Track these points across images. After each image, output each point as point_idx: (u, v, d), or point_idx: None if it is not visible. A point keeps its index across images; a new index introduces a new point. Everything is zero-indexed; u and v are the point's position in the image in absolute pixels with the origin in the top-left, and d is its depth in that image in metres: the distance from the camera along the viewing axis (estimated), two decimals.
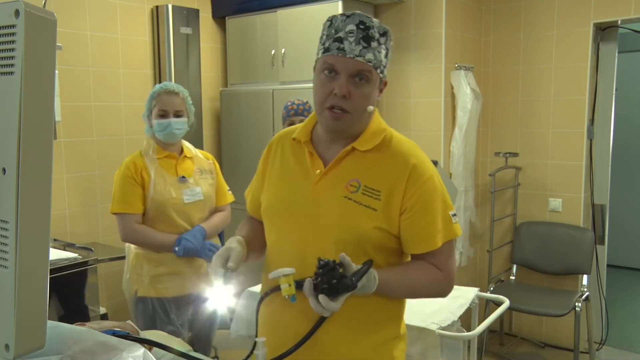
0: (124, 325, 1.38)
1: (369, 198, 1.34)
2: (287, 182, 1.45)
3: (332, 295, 1.19)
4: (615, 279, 5.13)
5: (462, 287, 2.57)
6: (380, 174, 1.36)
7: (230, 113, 4.00)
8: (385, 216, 1.34)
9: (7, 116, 0.79)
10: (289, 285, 1.22)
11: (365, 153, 1.38)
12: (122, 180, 2.35)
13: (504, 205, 4.05)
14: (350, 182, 1.36)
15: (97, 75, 3.41)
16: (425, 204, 1.35)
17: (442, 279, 1.39)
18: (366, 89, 1.33)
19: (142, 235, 2.36)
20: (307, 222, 1.38)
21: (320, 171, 1.40)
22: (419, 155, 1.40)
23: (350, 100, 1.32)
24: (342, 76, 1.31)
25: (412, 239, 1.37)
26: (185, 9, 3.70)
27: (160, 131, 2.37)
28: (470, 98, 3.64)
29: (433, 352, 2.13)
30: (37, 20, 0.79)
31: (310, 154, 1.43)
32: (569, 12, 3.66)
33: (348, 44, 1.30)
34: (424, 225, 1.35)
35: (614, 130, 3.84)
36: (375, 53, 1.32)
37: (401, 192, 1.34)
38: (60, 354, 0.95)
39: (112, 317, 3.28)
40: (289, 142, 1.49)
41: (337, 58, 1.31)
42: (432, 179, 1.37)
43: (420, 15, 3.63)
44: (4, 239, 0.81)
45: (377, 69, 1.33)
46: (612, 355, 3.90)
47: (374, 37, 1.32)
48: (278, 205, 1.45)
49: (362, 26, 1.31)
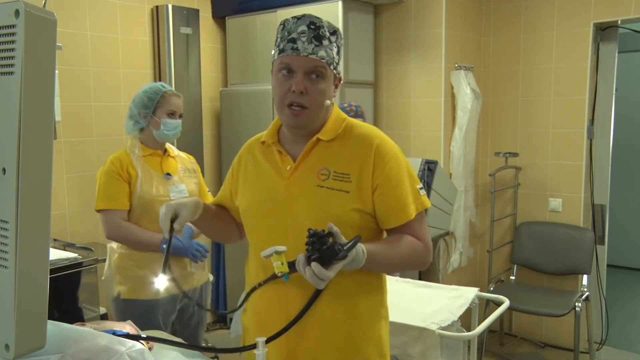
0: (124, 325, 1.38)
1: (340, 182, 1.42)
2: (261, 182, 1.52)
3: (324, 264, 1.21)
4: (615, 279, 5.13)
5: (462, 287, 2.57)
6: (347, 158, 1.44)
7: (230, 113, 4.00)
8: (359, 196, 1.41)
9: (7, 116, 0.79)
10: (282, 263, 1.25)
11: (330, 142, 1.46)
12: (107, 176, 2.32)
13: (504, 205, 4.05)
14: (320, 171, 1.44)
15: (97, 75, 3.41)
16: (394, 179, 1.43)
17: (423, 249, 1.47)
18: (321, 84, 1.41)
19: (127, 232, 2.30)
20: (286, 215, 1.44)
21: (291, 166, 1.47)
22: (380, 136, 1.48)
23: (308, 96, 1.40)
24: (298, 74, 1.39)
25: (387, 214, 1.44)
26: (185, 9, 3.70)
27: (168, 130, 2.37)
28: (470, 98, 3.64)
29: (433, 352, 2.13)
30: (37, 20, 0.79)
31: (279, 152, 1.50)
32: (569, 12, 3.66)
33: (301, 43, 1.39)
34: (395, 199, 1.43)
35: (614, 130, 3.84)
36: (327, 50, 1.40)
37: (370, 171, 1.42)
38: (60, 353, 0.95)
39: None
40: (258, 147, 1.58)
41: (292, 57, 1.39)
42: (396, 156, 1.46)
43: (420, 15, 3.63)
44: (4, 239, 0.81)
45: (330, 65, 1.42)
46: (612, 355, 3.90)
47: (324, 36, 1.41)
48: (256, 205, 1.52)
49: (312, 26, 1.41)
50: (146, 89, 2.39)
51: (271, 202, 1.47)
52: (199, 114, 3.85)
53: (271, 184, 1.49)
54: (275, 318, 1.43)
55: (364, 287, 1.48)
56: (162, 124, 2.36)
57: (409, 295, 2.49)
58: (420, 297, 2.46)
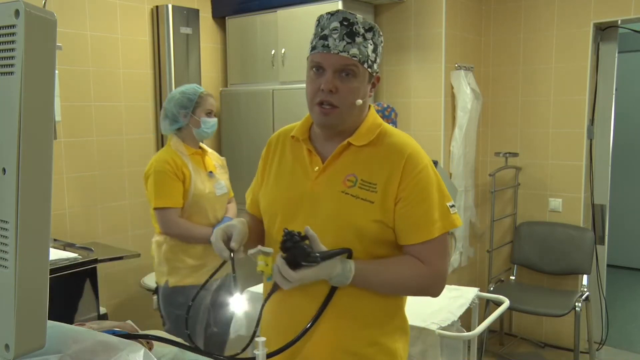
0: (124, 325, 1.38)
1: (365, 191, 1.36)
2: (285, 180, 1.47)
3: (291, 264, 1.21)
4: (615, 279, 5.13)
5: (462, 287, 2.57)
6: (376, 167, 1.38)
7: (230, 113, 4.00)
8: (382, 208, 1.35)
9: (7, 116, 0.79)
10: (267, 264, 1.26)
11: (361, 148, 1.40)
12: (163, 176, 2.45)
13: (504, 205, 4.05)
14: (347, 177, 1.39)
15: (97, 75, 3.41)
16: (421, 193, 1.36)
17: (427, 274, 1.37)
18: (353, 83, 1.35)
19: (183, 228, 2.48)
20: (307, 218, 1.39)
21: (319, 168, 1.42)
22: (413, 146, 1.41)
23: (338, 95, 1.34)
24: (328, 72, 1.34)
25: (408, 229, 1.36)
26: (185, 9, 3.70)
27: (207, 129, 2.54)
28: (470, 98, 3.64)
29: (433, 352, 2.13)
30: (37, 20, 0.79)
31: (309, 152, 1.45)
32: (569, 12, 3.66)
33: (332, 40, 1.33)
34: (420, 215, 1.35)
35: (614, 130, 3.84)
36: (360, 48, 1.34)
37: (397, 182, 1.35)
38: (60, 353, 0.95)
39: (112, 317, 3.28)
40: (289, 140, 1.51)
41: (322, 55, 1.34)
42: (427, 169, 1.38)
43: (420, 15, 3.63)
44: (4, 239, 0.81)
45: (364, 63, 1.35)
46: (612, 355, 3.90)
47: (358, 33, 1.34)
48: (278, 204, 1.46)
49: (345, 22, 1.34)
50: (183, 90, 2.53)
51: (294, 202, 1.42)
52: None
53: (296, 184, 1.44)
54: (282, 328, 1.40)
55: (376, 302, 1.41)
56: (201, 122, 2.52)
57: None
58: (420, 297, 2.46)
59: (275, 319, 1.46)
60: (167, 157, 2.48)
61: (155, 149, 3.74)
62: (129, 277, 3.65)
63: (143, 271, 3.60)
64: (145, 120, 3.69)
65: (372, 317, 1.42)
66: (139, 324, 1.51)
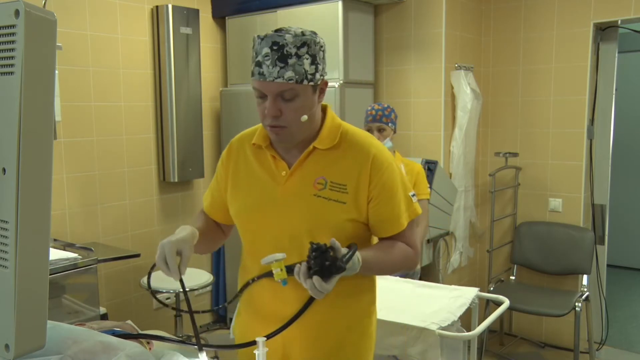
0: (124, 325, 1.38)
1: (337, 193, 1.43)
2: (255, 185, 1.51)
3: (325, 277, 1.26)
4: (615, 279, 5.13)
5: (462, 287, 2.57)
6: (343, 168, 1.44)
7: (230, 113, 4.00)
8: (355, 207, 1.43)
9: (7, 116, 0.79)
10: (281, 270, 1.29)
11: (327, 151, 1.46)
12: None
13: (504, 205, 4.05)
14: (317, 180, 1.44)
15: (97, 75, 3.41)
16: (389, 190, 1.45)
17: (412, 254, 1.52)
18: (296, 103, 1.37)
19: None
20: (281, 222, 1.45)
21: (286, 172, 1.46)
22: (376, 145, 1.48)
23: (284, 117, 1.38)
24: (269, 98, 1.37)
25: (381, 224, 1.48)
26: (185, 9, 3.70)
27: None
28: (470, 98, 3.64)
29: (433, 352, 2.13)
30: (37, 20, 0.79)
31: (273, 157, 1.49)
32: (569, 12, 3.66)
33: (266, 67, 1.34)
34: (390, 210, 1.46)
35: (614, 130, 3.84)
36: (295, 68, 1.33)
37: (366, 182, 1.43)
38: (60, 354, 0.95)
39: (112, 317, 3.28)
40: (249, 146, 1.55)
41: (260, 83, 1.37)
42: (391, 166, 1.47)
43: (420, 15, 3.63)
44: (4, 239, 0.81)
45: (302, 81, 1.35)
46: (612, 355, 3.90)
47: (290, 54, 1.33)
48: (249, 209, 1.51)
49: (275, 47, 1.33)
50: None
51: (265, 207, 1.47)
52: (199, 114, 3.85)
53: (264, 189, 1.48)
54: (271, 318, 1.46)
55: (357, 287, 1.53)
56: None
57: (409, 295, 2.49)
58: (420, 297, 2.47)
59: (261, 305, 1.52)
60: None
61: (155, 149, 3.75)
62: (129, 277, 3.65)
63: (143, 271, 3.61)
64: (145, 120, 3.69)
65: (353, 295, 1.52)
66: (139, 324, 1.52)
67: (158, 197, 3.80)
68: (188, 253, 1.38)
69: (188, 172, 3.80)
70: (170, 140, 3.70)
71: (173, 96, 3.66)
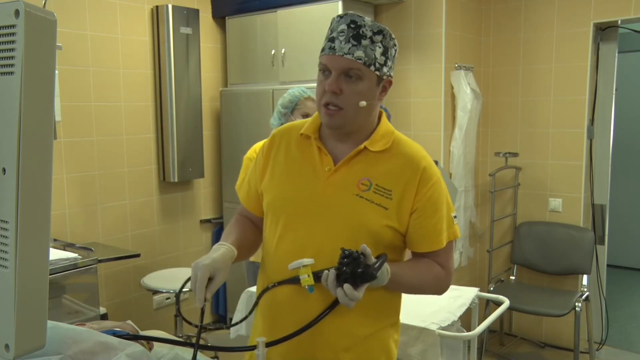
0: (124, 325, 1.38)
1: (380, 197, 1.38)
2: (294, 177, 1.46)
3: (355, 285, 1.23)
4: (615, 279, 5.13)
5: (462, 287, 2.57)
6: (391, 174, 1.40)
7: (230, 113, 4.00)
8: (397, 215, 1.39)
9: (7, 116, 0.79)
10: (308, 275, 1.26)
11: (377, 154, 1.42)
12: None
13: (504, 205, 4.05)
14: (361, 181, 1.39)
15: (97, 75, 3.41)
16: (434, 205, 1.41)
17: (444, 277, 1.46)
18: (358, 85, 1.35)
19: None
20: (317, 218, 1.39)
21: (330, 168, 1.41)
22: (427, 158, 1.45)
23: (342, 96, 1.35)
24: (333, 74, 1.35)
25: (420, 238, 1.43)
26: (185, 9, 3.70)
27: None
28: (470, 98, 3.64)
29: (433, 352, 2.13)
30: (37, 20, 0.79)
31: (319, 150, 1.44)
32: (569, 12, 3.66)
33: (338, 42, 1.34)
34: (432, 225, 1.41)
35: (614, 130, 3.84)
36: (367, 50, 1.33)
37: (413, 193, 1.39)
38: (60, 354, 0.95)
39: (112, 317, 3.28)
40: (295, 137, 1.50)
41: (328, 57, 1.36)
42: (439, 182, 1.43)
43: (420, 15, 3.63)
44: (4, 239, 0.81)
45: (370, 66, 1.34)
46: (612, 355, 3.90)
47: (365, 35, 1.34)
48: (285, 201, 1.45)
49: (352, 25, 1.34)
50: (291, 91, 2.65)
51: (303, 201, 1.42)
52: (199, 114, 3.85)
53: (305, 182, 1.43)
54: (286, 322, 1.40)
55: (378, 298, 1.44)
56: None
57: (409, 295, 2.49)
58: (420, 297, 2.46)
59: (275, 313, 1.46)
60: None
61: (155, 149, 3.75)
62: (129, 277, 3.65)
63: (143, 271, 3.61)
64: (145, 120, 3.69)
65: (373, 313, 1.44)
66: (139, 324, 1.51)
67: (158, 197, 3.80)
68: (220, 280, 1.31)
69: (188, 172, 3.80)
70: (170, 140, 3.70)
71: (173, 96, 3.67)
